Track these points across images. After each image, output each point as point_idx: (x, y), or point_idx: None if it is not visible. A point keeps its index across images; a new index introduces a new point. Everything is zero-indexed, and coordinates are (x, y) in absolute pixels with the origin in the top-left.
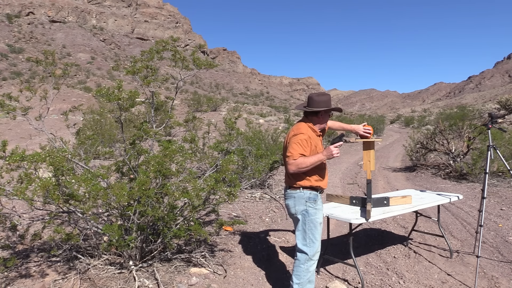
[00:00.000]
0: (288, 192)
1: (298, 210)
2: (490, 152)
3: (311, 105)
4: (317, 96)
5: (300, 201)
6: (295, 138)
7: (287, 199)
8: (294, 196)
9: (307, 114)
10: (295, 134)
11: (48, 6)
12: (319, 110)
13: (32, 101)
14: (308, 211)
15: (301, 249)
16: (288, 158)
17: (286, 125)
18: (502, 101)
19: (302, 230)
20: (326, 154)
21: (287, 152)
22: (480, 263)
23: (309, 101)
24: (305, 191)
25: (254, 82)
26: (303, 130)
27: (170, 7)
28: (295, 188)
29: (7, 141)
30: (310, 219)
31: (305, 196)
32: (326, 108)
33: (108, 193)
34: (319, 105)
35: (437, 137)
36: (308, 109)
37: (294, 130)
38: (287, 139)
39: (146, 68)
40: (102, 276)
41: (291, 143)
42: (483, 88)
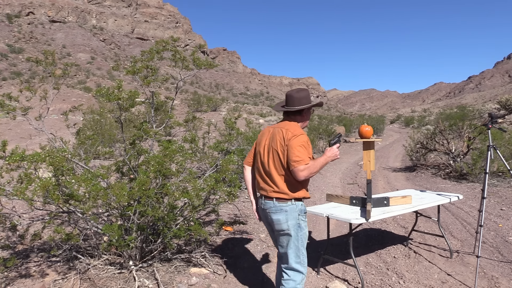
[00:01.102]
0: (276, 205)
1: (290, 225)
2: (490, 152)
3: (292, 104)
4: (296, 93)
5: (293, 215)
6: (297, 140)
7: (276, 213)
8: (285, 209)
9: (289, 113)
10: (295, 135)
11: (48, 6)
12: (303, 108)
13: (32, 101)
14: (300, 225)
15: (295, 268)
16: (297, 164)
17: None
18: (502, 101)
19: (295, 247)
20: (331, 155)
21: (294, 157)
22: (480, 263)
23: (289, 100)
24: (297, 202)
25: (254, 82)
26: (300, 130)
27: (170, 7)
28: (285, 200)
29: (7, 141)
30: (303, 233)
31: (297, 208)
32: (309, 104)
33: (108, 193)
34: (301, 103)
35: (437, 137)
36: (291, 108)
37: (291, 130)
38: (284, 141)
39: (146, 68)
40: (102, 276)
41: (295, 146)
42: (483, 88)
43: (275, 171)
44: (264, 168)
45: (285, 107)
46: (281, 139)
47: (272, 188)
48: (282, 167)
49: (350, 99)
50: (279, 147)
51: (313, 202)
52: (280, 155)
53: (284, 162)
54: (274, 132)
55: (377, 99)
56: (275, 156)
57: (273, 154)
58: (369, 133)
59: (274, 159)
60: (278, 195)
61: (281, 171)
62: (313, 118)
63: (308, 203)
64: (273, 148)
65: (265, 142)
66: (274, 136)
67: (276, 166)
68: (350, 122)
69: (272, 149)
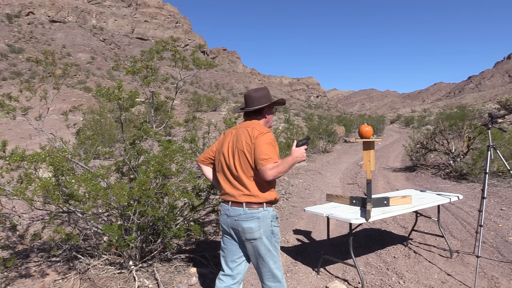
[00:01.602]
0: (247, 212)
1: (263, 233)
2: (490, 152)
3: (251, 104)
4: (255, 92)
5: (266, 222)
6: (264, 138)
7: (247, 221)
8: (257, 216)
9: (250, 114)
10: (262, 133)
11: (48, 6)
12: (263, 107)
13: (32, 101)
14: (273, 231)
15: (276, 275)
16: (266, 162)
17: (286, 125)
18: (502, 101)
19: (270, 255)
20: (299, 156)
21: (262, 155)
22: (480, 263)
23: (248, 100)
24: (269, 208)
25: (254, 82)
26: (266, 128)
27: (170, 7)
28: (256, 205)
29: (7, 141)
30: (276, 239)
31: (269, 215)
32: (269, 103)
33: (108, 193)
34: (260, 102)
35: (437, 137)
36: (250, 108)
37: (257, 129)
38: (250, 140)
39: (146, 68)
40: (102, 276)
41: (262, 144)
42: (483, 88)
43: (243, 174)
44: (231, 172)
45: (245, 108)
46: (246, 139)
47: (242, 191)
48: (250, 168)
49: (350, 99)
50: (245, 147)
51: (313, 202)
52: (247, 156)
53: (252, 162)
54: (238, 133)
55: (377, 99)
56: (242, 158)
57: (239, 156)
58: (369, 133)
59: (241, 161)
60: (249, 198)
61: (250, 172)
62: (313, 118)
63: (308, 203)
64: (238, 150)
65: (228, 144)
66: (239, 137)
67: (243, 169)
68: (350, 122)
69: (237, 150)
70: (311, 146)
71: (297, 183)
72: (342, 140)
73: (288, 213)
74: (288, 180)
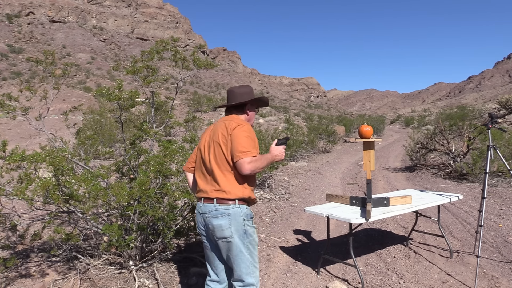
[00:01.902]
0: (217, 208)
1: (234, 231)
2: (490, 152)
3: (234, 99)
4: (238, 88)
5: (237, 220)
6: (242, 130)
7: (217, 218)
8: (228, 213)
9: (231, 110)
10: (240, 125)
11: (48, 6)
12: (245, 102)
13: (32, 101)
14: (247, 231)
15: (246, 281)
16: (243, 154)
17: (286, 125)
18: (502, 101)
19: (242, 256)
20: (278, 154)
21: (240, 147)
22: (480, 263)
23: (230, 95)
24: (242, 205)
25: (254, 82)
26: (245, 121)
27: (170, 7)
28: (227, 202)
29: (7, 141)
30: (250, 240)
31: (242, 212)
32: (251, 98)
33: (108, 193)
34: (242, 97)
35: (437, 137)
36: (232, 103)
37: (235, 121)
38: (226, 131)
39: (146, 68)
40: (102, 276)
41: (241, 136)
42: (483, 88)
43: (217, 168)
44: (205, 165)
45: (227, 103)
46: (223, 130)
47: (213, 187)
48: (225, 162)
49: (350, 99)
50: (221, 139)
51: (313, 202)
52: (222, 148)
53: (227, 155)
54: (216, 127)
55: (377, 99)
56: (217, 150)
57: (215, 148)
58: (369, 133)
59: (216, 154)
60: (220, 194)
61: (224, 166)
62: (313, 118)
63: (308, 203)
64: (214, 142)
65: (205, 138)
66: (216, 130)
67: (218, 162)
68: (350, 122)
69: (213, 143)
70: (311, 146)
71: (297, 183)
72: (342, 140)
73: (288, 213)
74: (288, 180)
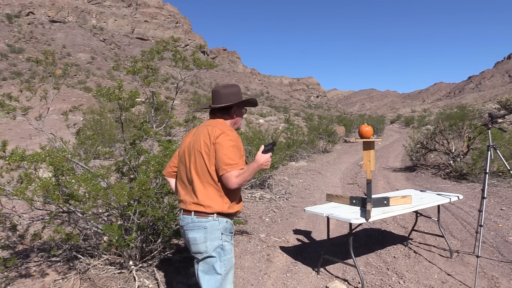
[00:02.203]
0: (194, 221)
1: (210, 246)
2: (490, 152)
3: (218, 101)
4: (224, 88)
5: (214, 234)
6: (228, 139)
7: (192, 231)
8: (204, 226)
9: (215, 112)
10: (224, 132)
11: (48, 6)
12: (231, 105)
13: (32, 101)
14: (224, 247)
15: None
16: (231, 168)
17: (286, 125)
18: (502, 101)
19: (216, 276)
20: (264, 163)
21: (226, 159)
22: (480, 263)
23: (215, 96)
24: (221, 218)
25: (254, 82)
26: (230, 127)
27: (170, 7)
28: (205, 214)
29: (7, 141)
30: (227, 258)
31: (220, 226)
32: (238, 101)
33: (108, 193)
34: (229, 99)
35: (437, 137)
36: (216, 106)
37: (218, 127)
38: (209, 140)
39: (147, 68)
40: (102, 276)
41: (226, 146)
42: (483, 88)
43: (197, 178)
44: (187, 175)
45: (211, 105)
46: (206, 138)
47: (192, 199)
48: (207, 172)
49: (350, 99)
50: (203, 148)
51: (313, 202)
52: (204, 158)
53: (210, 166)
54: (198, 132)
55: (377, 99)
56: (198, 159)
57: (196, 157)
58: (369, 133)
59: (196, 163)
60: (198, 207)
61: (205, 178)
62: (313, 118)
63: (308, 203)
64: (195, 150)
65: (186, 144)
66: (198, 137)
67: (198, 172)
68: (350, 122)
69: (194, 151)
70: (311, 146)
71: (297, 183)
72: (342, 140)
73: (288, 213)
74: (288, 180)
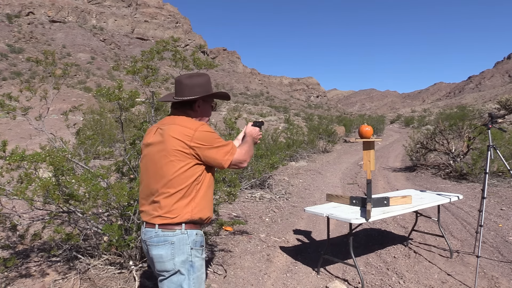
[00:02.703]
0: (158, 235)
1: (178, 263)
2: (490, 152)
3: (180, 93)
4: (188, 78)
5: (182, 249)
6: (206, 134)
7: (157, 247)
8: (171, 240)
9: (176, 105)
10: (196, 129)
11: (48, 6)
12: (195, 99)
13: (32, 101)
14: (193, 264)
15: None
16: (230, 155)
17: (286, 125)
18: (502, 101)
19: None
20: (255, 134)
21: (221, 151)
22: (480, 263)
23: (178, 87)
24: (190, 231)
25: (254, 82)
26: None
27: (170, 7)
28: (172, 227)
29: (7, 141)
30: (197, 276)
31: (189, 240)
32: (204, 94)
33: (108, 193)
34: (193, 91)
35: (437, 137)
36: (177, 99)
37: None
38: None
39: (146, 68)
40: (102, 276)
41: (210, 139)
42: (483, 88)
43: (162, 185)
44: (149, 182)
45: (174, 97)
46: (174, 143)
47: (156, 209)
48: (173, 178)
49: (350, 99)
50: (172, 152)
51: (313, 202)
52: (173, 162)
53: (177, 170)
54: (163, 134)
55: (377, 99)
56: (165, 164)
57: (162, 162)
58: (369, 133)
59: (163, 169)
60: (163, 219)
61: (172, 184)
62: (313, 118)
63: (308, 203)
64: (161, 154)
65: (148, 147)
66: (165, 139)
67: (164, 179)
68: (350, 122)
69: (159, 154)
70: (311, 146)
71: (297, 183)
72: (342, 140)
73: (288, 213)
74: (288, 180)
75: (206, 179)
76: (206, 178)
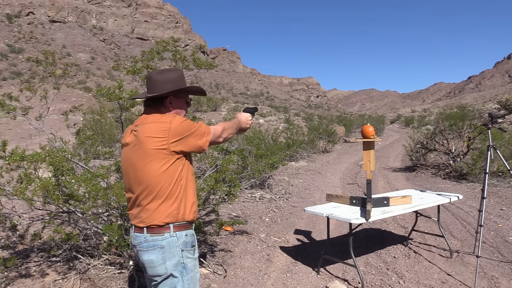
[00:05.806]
0: (148, 239)
1: (170, 267)
2: (490, 152)
3: (152, 89)
4: (159, 74)
5: (173, 252)
6: (179, 124)
7: (147, 252)
8: (160, 244)
9: (149, 104)
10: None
11: (48, 6)
12: (166, 94)
13: (32, 101)
14: (186, 265)
15: None
16: (207, 135)
17: (286, 125)
18: (502, 101)
19: None
20: (244, 120)
21: (198, 137)
22: (480, 263)
23: (149, 83)
24: (179, 233)
25: (254, 82)
26: (167, 116)
27: (170, 7)
28: (160, 230)
29: (7, 141)
30: (190, 277)
31: (179, 242)
32: (175, 88)
33: (108, 193)
34: (164, 87)
35: (437, 137)
36: (149, 95)
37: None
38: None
39: (147, 68)
40: (102, 276)
41: (184, 128)
42: (483, 88)
43: (145, 188)
44: (131, 186)
45: (146, 95)
46: (152, 142)
47: (142, 213)
48: (156, 179)
49: (350, 99)
50: (148, 151)
51: (313, 202)
52: (152, 162)
53: (156, 169)
54: (139, 134)
55: (377, 99)
56: (145, 166)
57: (139, 163)
58: (372, 133)
59: (143, 171)
60: (150, 223)
61: (155, 186)
62: (313, 118)
63: (308, 203)
64: (139, 156)
65: (127, 148)
66: (141, 140)
67: (146, 181)
68: (350, 122)
69: (137, 156)
70: (311, 146)
71: (297, 183)
72: (342, 140)
73: (288, 213)
74: (288, 180)
75: (187, 170)
76: (187, 169)
